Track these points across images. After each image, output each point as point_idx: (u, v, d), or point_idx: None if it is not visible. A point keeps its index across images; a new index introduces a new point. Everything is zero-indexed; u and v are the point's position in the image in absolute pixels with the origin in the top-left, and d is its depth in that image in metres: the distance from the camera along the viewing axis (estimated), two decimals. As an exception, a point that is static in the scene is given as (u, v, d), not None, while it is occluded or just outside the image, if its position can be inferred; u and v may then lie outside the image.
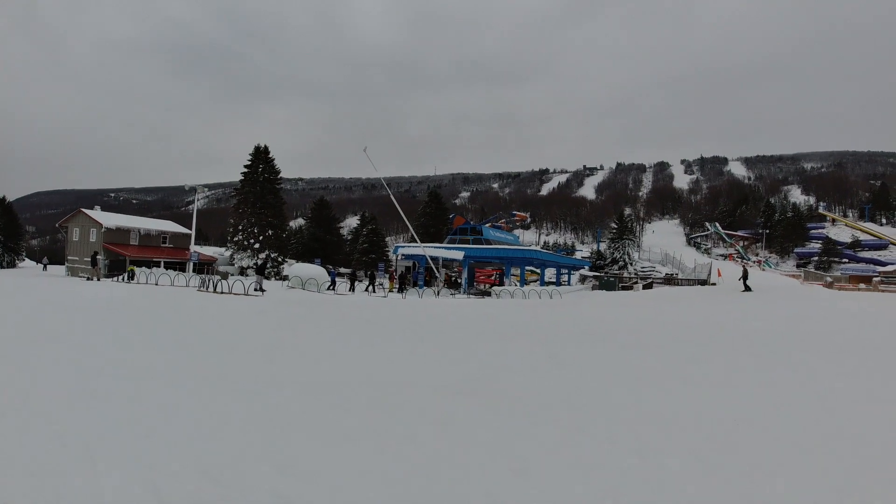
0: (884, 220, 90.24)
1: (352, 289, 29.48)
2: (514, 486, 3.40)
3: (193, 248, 39.63)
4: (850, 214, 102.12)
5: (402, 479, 3.44)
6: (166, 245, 44.54)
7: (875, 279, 38.03)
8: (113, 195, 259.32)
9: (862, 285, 35.11)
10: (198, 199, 43.60)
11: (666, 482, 3.53)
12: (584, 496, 3.28)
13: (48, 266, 52.00)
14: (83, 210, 43.23)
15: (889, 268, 55.79)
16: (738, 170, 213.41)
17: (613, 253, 56.44)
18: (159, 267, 36.90)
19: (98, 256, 31.25)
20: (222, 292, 20.43)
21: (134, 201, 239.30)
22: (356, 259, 55.67)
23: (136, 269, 29.81)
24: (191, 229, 40.53)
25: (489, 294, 31.14)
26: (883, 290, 29.81)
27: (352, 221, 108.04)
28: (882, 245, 74.90)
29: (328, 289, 27.97)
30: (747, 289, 26.25)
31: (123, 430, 4.10)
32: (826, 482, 3.59)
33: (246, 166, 47.32)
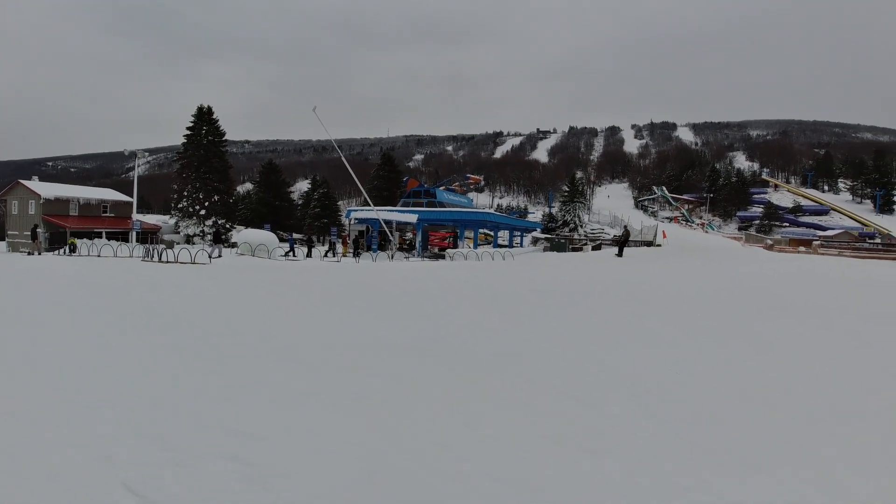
0: (826, 188, 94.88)
1: (308, 254, 29.20)
2: (467, 437, 3.52)
3: (136, 216, 38.06)
4: (794, 181, 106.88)
5: (356, 435, 3.51)
6: (107, 214, 42.64)
7: (815, 243, 39.87)
8: (51, 164, 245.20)
9: (802, 248, 36.73)
10: (138, 165, 41.63)
11: (609, 427, 3.74)
12: (532, 441, 3.44)
13: None
14: (21, 181, 41.25)
15: (829, 233, 59.09)
16: (686, 135, 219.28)
17: (564, 216, 57.45)
18: (101, 238, 35.33)
19: (38, 229, 29.67)
20: (167, 261, 19.78)
21: (72, 170, 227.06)
22: (308, 224, 54.75)
23: (78, 242, 28.46)
24: (132, 197, 38.88)
25: (443, 257, 31.31)
26: (823, 254, 31.17)
27: (302, 185, 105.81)
28: (823, 211, 79.07)
29: (286, 254, 27.60)
30: (620, 254, 25.66)
31: (72, 403, 3.98)
32: (766, 428, 3.87)
33: (189, 128, 45.30)
